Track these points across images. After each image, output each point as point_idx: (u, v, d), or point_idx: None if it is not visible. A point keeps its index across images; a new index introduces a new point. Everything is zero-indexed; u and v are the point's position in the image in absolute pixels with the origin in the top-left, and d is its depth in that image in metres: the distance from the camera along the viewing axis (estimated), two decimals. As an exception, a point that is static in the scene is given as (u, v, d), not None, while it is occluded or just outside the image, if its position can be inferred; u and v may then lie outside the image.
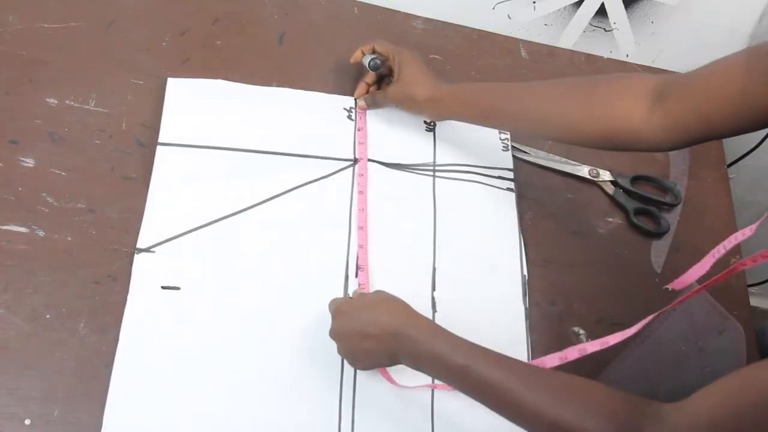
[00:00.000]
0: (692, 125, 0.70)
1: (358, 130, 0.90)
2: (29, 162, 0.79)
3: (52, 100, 0.83)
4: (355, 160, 0.88)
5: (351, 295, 0.77)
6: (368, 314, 0.69)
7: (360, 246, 0.82)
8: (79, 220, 0.77)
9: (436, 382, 0.75)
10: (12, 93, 0.82)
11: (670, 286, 0.68)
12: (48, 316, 0.72)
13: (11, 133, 0.80)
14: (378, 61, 0.88)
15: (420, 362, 0.68)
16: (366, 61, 0.89)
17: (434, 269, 0.84)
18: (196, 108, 0.85)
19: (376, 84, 0.93)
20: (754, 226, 0.65)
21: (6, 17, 0.86)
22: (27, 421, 0.67)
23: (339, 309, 0.71)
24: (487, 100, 0.83)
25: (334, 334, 0.71)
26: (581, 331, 0.85)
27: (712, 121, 0.68)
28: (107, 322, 0.73)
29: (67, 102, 0.83)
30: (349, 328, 0.69)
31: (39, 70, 0.84)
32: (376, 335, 0.67)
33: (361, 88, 0.92)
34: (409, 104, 0.88)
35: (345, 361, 0.74)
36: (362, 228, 0.83)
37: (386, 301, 0.70)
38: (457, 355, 0.65)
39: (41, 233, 0.76)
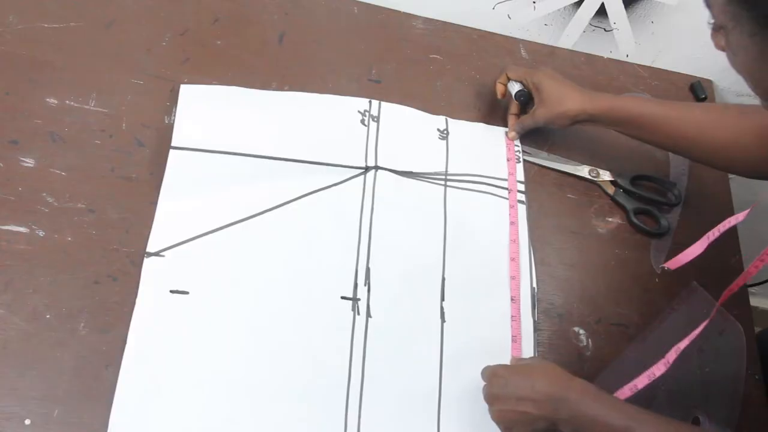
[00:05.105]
0: None
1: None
2: (29, 162, 0.79)
3: (52, 100, 0.83)
4: (366, 168, 0.86)
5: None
6: (525, 378, 0.70)
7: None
8: (79, 220, 0.77)
9: None
10: (12, 93, 0.82)
11: (666, 265, 0.70)
12: (48, 316, 0.72)
13: (11, 133, 0.80)
14: (525, 91, 0.91)
15: (579, 426, 0.68)
16: (513, 91, 0.92)
17: (443, 279, 0.83)
18: (208, 113, 0.84)
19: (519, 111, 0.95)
20: (747, 211, 0.68)
21: (6, 17, 0.86)
22: (27, 421, 0.67)
23: (495, 373, 0.72)
24: (643, 119, 0.86)
25: (490, 397, 0.72)
26: (581, 331, 0.85)
27: None
28: (107, 322, 0.73)
29: (67, 102, 0.83)
30: (506, 391, 0.70)
31: (39, 70, 0.84)
32: (534, 399, 0.68)
33: (512, 120, 0.94)
34: (561, 121, 0.89)
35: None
36: (514, 260, 0.85)
37: (543, 366, 0.72)
38: (619, 418, 0.66)
39: (41, 233, 0.76)
